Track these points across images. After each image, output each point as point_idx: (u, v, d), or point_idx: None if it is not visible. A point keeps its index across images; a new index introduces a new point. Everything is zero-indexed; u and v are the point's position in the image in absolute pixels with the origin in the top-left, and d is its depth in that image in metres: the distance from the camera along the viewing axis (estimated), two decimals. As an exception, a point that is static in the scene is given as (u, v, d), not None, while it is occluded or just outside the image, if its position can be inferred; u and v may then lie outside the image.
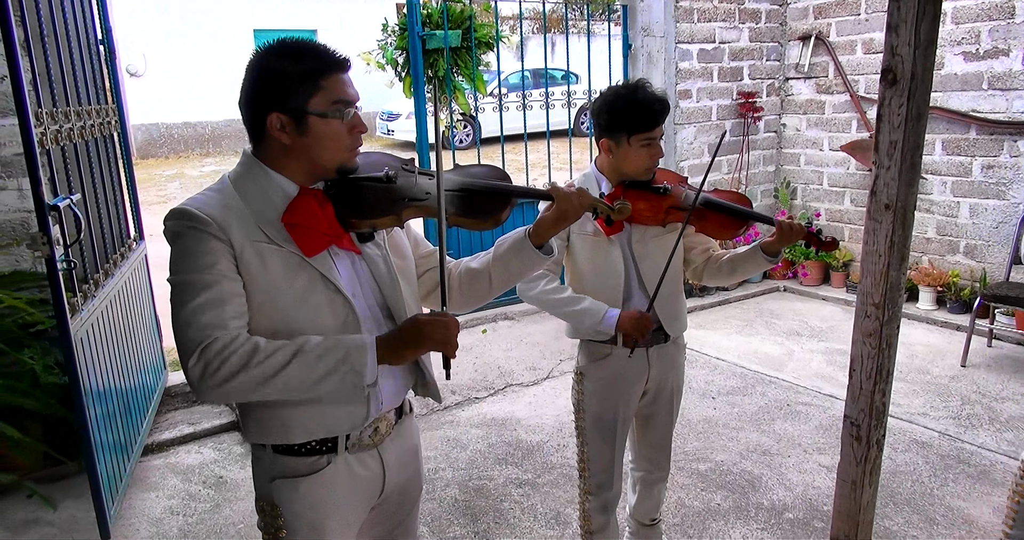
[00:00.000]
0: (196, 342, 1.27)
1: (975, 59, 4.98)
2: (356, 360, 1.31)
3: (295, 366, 1.29)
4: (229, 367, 1.26)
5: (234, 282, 1.33)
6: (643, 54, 5.56)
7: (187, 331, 1.29)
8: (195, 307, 1.29)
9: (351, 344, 1.32)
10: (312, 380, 1.30)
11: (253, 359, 1.27)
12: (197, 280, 1.31)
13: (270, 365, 1.28)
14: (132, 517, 3.08)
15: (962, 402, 3.90)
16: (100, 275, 3.20)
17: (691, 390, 4.08)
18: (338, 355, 1.31)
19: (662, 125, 2.08)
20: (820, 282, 5.98)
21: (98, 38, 3.73)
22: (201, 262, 1.32)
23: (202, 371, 1.26)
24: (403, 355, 1.37)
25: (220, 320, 1.30)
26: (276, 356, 1.29)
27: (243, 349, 1.28)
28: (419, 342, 1.35)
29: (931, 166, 5.24)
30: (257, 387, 1.29)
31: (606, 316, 2.10)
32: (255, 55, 1.38)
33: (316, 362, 1.30)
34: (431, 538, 2.87)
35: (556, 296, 2.15)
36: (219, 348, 1.27)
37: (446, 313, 1.39)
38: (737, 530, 2.87)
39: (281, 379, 1.28)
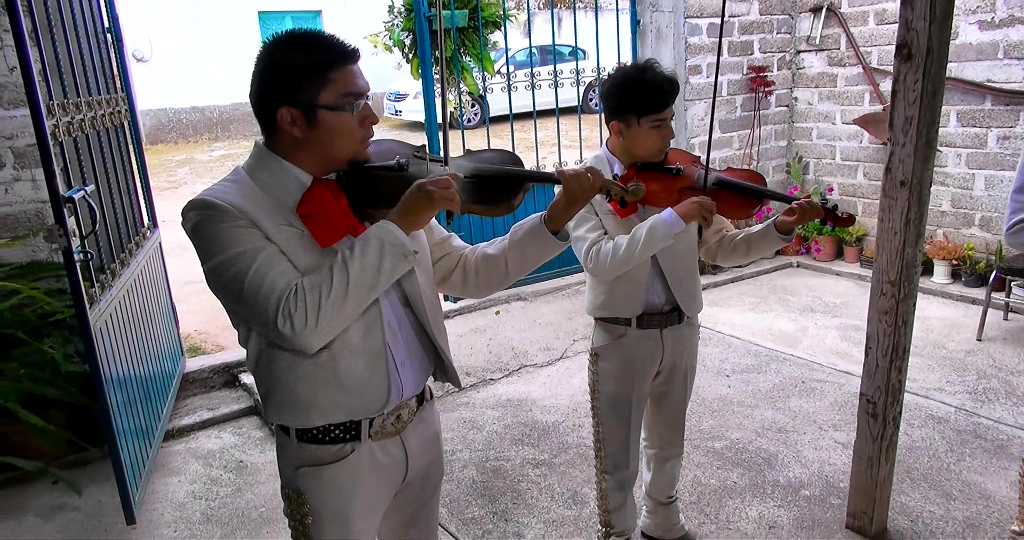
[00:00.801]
0: (273, 306, 1.29)
1: (991, 28, 4.90)
2: (389, 238, 1.34)
3: (354, 273, 1.31)
4: (311, 308, 1.29)
5: (274, 247, 1.35)
6: (652, 29, 5.49)
7: (257, 299, 1.30)
8: (254, 275, 1.31)
9: (375, 233, 1.35)
10: (374, 272, 1.33)
11: (321, 290, 1.30)
12: (242, 251, 1.32)
13: (337, 285, 1.30)
14: (156, 502, 3.13)
15: (978, 376, 3.89)
16: (116, 264, 3.22)
17: (705, 368, 4.09)
18: (374, 245, 1.33)
19: (672, 106, 2.06)
20: (833, 257, 5.95)
21: (105, 26, 3.73)
22: (237, 237, 1.32)
23: (291, 325, 1.29)
24: (417, 219, 1.39)
25: (283, 278, 1.32)
26: (335, 276, 1.31)
27: (308, 290, 1.30)
28: (429, 202, 1.36)
29: (946, 138, 5.18)
30: (342, 307, 1.32)
31: (668, 223, 2.01)
32: (263, 48, 1.38)
33: (363, 260, 1.32)
34: (450, 519, 2.91)
35: (622, 251, 2.04)
36: (292, 300, 1.29)
37: (445, 172, 1.41)
38: (753, 508, 2.89)
39: (352, 289, 1.31)
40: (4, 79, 3.34)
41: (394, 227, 1.35)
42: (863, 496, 2.67)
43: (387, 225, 1.36)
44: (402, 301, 1.53)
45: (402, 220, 1.37)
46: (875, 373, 2.55)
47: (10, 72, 3.32)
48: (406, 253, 1.35)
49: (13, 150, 3.43)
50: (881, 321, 2.51)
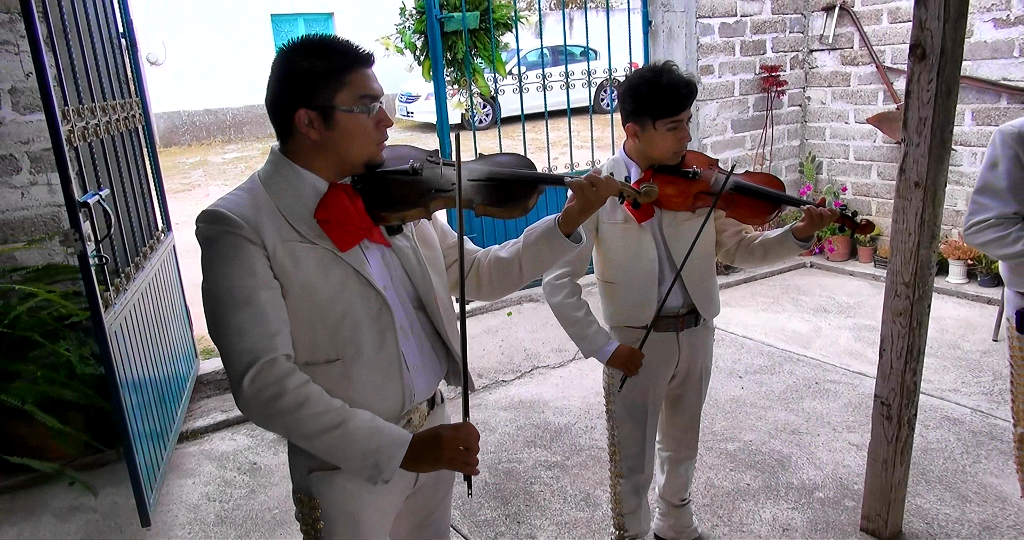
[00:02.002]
0: (250, 359, 1.31)
1: (1006, 25, 4.85)
2: (383, 458, 1.36)
3: (332, 437, 1.34)
4: (280, 404, 1.31)
5: (272, 290, 1.35)
6: (663, 30, 5.48)
7: (237, 345, 1.32)
8: (239, 322, 1.32)
9: (387, 441, 1.36)
10: (338, 456, 1.36)
11: (302, 410, 1.32)
12: (236, 293, 1.33)
13: (313, 425, 1.33)
14: (170, 503, 3.15)
15: (994, 377, 3.85)
16: (131, 268, 3.25)
17: (718, 369, 4.07)
18: (372, 446, 1.35)
19: (688, 109, 2.06)
20: (847, 257, 5.91)
21: (120, 31, 3.76)
22: (237, 270, 1.33)
23: (255, 393, 1.31)
24: (421, 468, 1.41)
25: (267, 335, 1.33)
26: (322, 419, 1.33)
27: (298, 393, 1.32)
28: (438, 462, 1.38)
29: (960, 137, 5.13)
30: (291, 432, 1.35)
31: (602, 351, 2.19)
32: (280, 54, 1.39)
33: (351, 444, 1.34)
34: (463, 521, 2.91)
35: (572, 314, 2.22)
36: (277, 376, 1.32)
37: (468, 424, 1.40)
38: (767, 510, 2.88)
39: (316, 441, 1.35)
40: (20, 84, 3.38)
41: (399, 457, 1.36)
42: (878, 498, 2.65)
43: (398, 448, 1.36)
44: (415, 304, 1.53)
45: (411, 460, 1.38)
46: (889, 375, 2.53)
47: (26, 77, 3.36)
48: (372, 478, 1.36)
49: (29, 154, 3.46)
50: (895, 322, 2.49)
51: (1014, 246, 2.08)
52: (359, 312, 1.41)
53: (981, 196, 2.18)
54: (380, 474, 1.36)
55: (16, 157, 3.44)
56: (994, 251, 2.16)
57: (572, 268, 2.20)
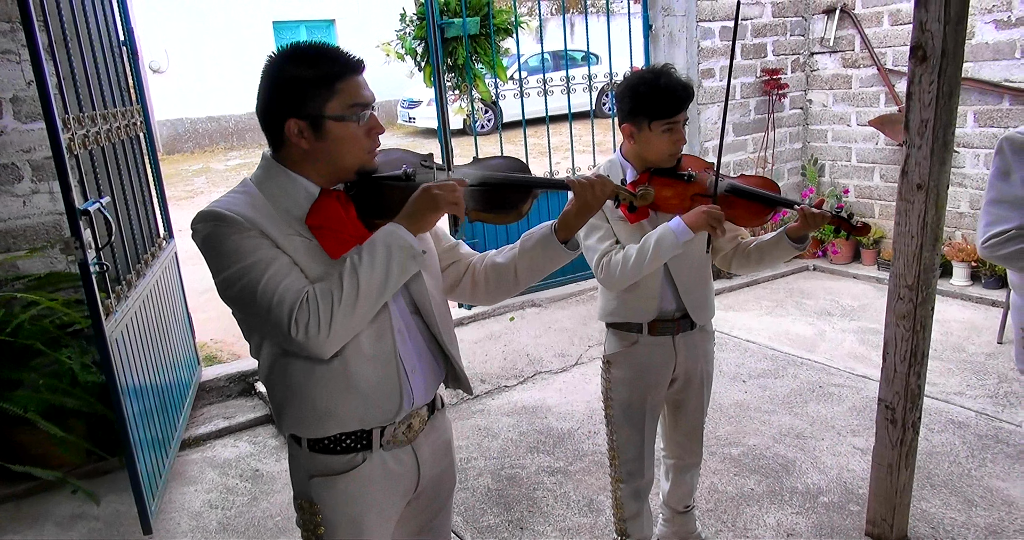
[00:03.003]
0: (286, 316, 1.30)
1: (1007, 27, 4.84)
2: (397, 241, 1.35)
3: (364, 277, 1.32)
4: (323, 315, 1.30)
5: (285, 256, 1.36)
6: (664, 34, 5.48)
7: (270, 310, 1.31)
8: (265, 285, 1.31)
9: (383, 237, 1.36)
10: (383, 274, 1.34)
11: (332, 296, 1.31)
12: (253, 262, 1.33)
13: (348, 290, 1.31)
14: (172, 511, 3.14)
15: (999, 380, 3.83)
16: (132, 275, 3.25)
17: (722, 374, 4.06)
18: (381, 248, 1.34)
19: (685, 111, 2.05)
20: (850, 260, 5.90)
21: (121, 39, 3.77)
22: (248, 249, 1.33)
23: (305, 333, 1.30)
24: (423, 221, 1.39)
25: (294, 286, 1.32)
26: (345, 282, 1.32)
27: (319, 297, 1.31)
28: (434, 206, 1.38)
29: (963, 139, 5.12)
30: (353, 312, 1.32)
31: (676, 232, 1.98)
32: (269, 62, 1.39)
33: (372, 264, 1.33)
34: (465, 527, 2.90)
35: (631, 261, 2.03)
36: (304, 308, 1.30)
37: (450, 178, 1.42)
38: (771, 515, 2.86)
39: (363, 294, 1.32)
40: (21, 93, 3.38)
41: (401, 229, 1.36)
42: (883, 503, 2.63)
43: (393, 228, 1.37)
44: (411, 308, 1.53)
45: (408, 222, 1.38)
46: (893, 378, 2.52)
47: (27, 86, 3.36)
48: (414, 254, 1.36)
49: (31, 163, 3.47)
50: (899, 326, 2.47)
51: None
52: None
53: (996, 207, 2.08)
54: (414, 249, 1.35)
55: (18, 166, 3.45)
56: (1018, 264, 2.07)
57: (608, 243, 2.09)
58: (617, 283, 2.09)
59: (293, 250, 1.37)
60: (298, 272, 1.36)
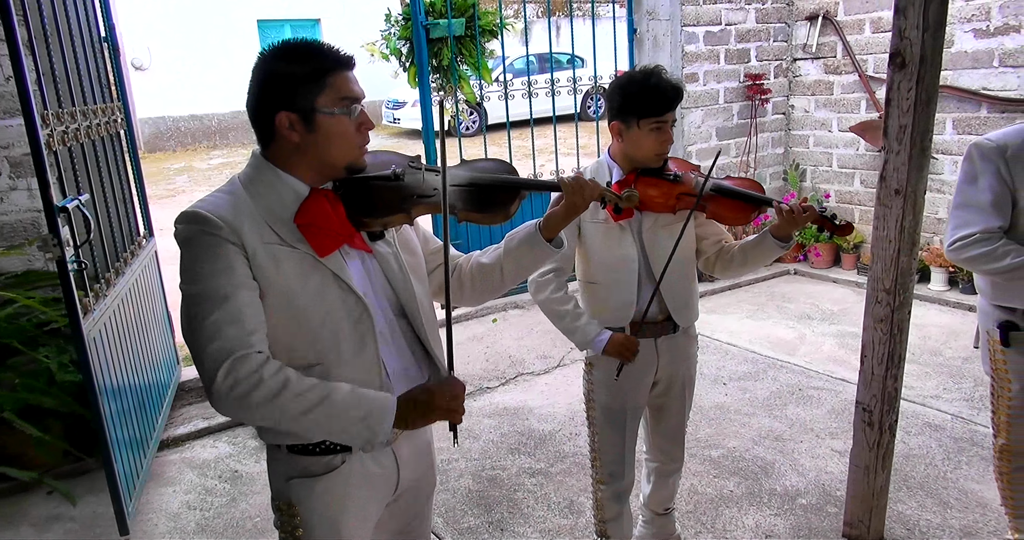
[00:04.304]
0: (225, 355, 1.28)
1: (986, 36, 4.91)
2: (375, 422, 1.34)
3: (319, 413, 1.31)
4: (260, 393, 1.28)
5: (250, 290, 1.34)
6: (649, 38, 5.51)
7: (212, 344, 1.29)
8: (215, 321, 1.29)
9: (374, 406, 1.35)
10: (329, 430, 1.35)
11: (284, 393, 1.29)
12: (213, 292, 1.31)
13: (297, 405, 1.30)
14: (150, 512, 3.11)
15: (975, 384, 3.88)
16: (111, 274, 3.22)
17: (703, 376, 4.08)
18: (360, 413, 1.34)
19: (673, 111, 2.07)
20: (831, 264, 5.95)
21: (102, 36, 3.74)
22: (215, 269, 1.32)
23: (231, 387, 1.27)
24: (414, 423, 1.41)
25: (245, 330, 1.30)
26: (305, 397, 1.31)
27: (275, 379, 1.29)
28: (428, 413, 1.40)
29: (941, 145, 5.19)
30: (277, 420, 1.32)
31: (595, 341, 2.17)
32: (260, 58, 1.39)
33: (338, 415, 1.33)
34: (446, 529, 2.90)
35: (559, 307, 2.21)
36: (252, 368, 1.28)
37: (454, 378, 1.43)
38: (750, 516, 2.88)
39: (302, 421, 1.32)
40: (0, 88, 3.34)
41: (389, 417, 1.36)
42: (860, 505, 2.66)
43: (386, 409, 1.36)
44: (397, 311, 1.53)
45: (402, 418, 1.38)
46: (871, 381, 2.55)
47: (5, 81, 3.32)
48: (369, 441, 1.35)
49: (9, 159, 3.43)
50: (876, 329, 2.50)
51: (1002, 261, 2.06)
52: (339, 317, 1.40)
53: (963, 211, 2.15)
54: (375, 437, 1.35)
55: (-5, 162, 3.41)
56: (981, 267, 2.13)
57: (558, 265, 2.19)
58: (535, 299, 2.26)
59: (271, 259, 1.35)
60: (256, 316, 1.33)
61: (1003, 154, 2.10)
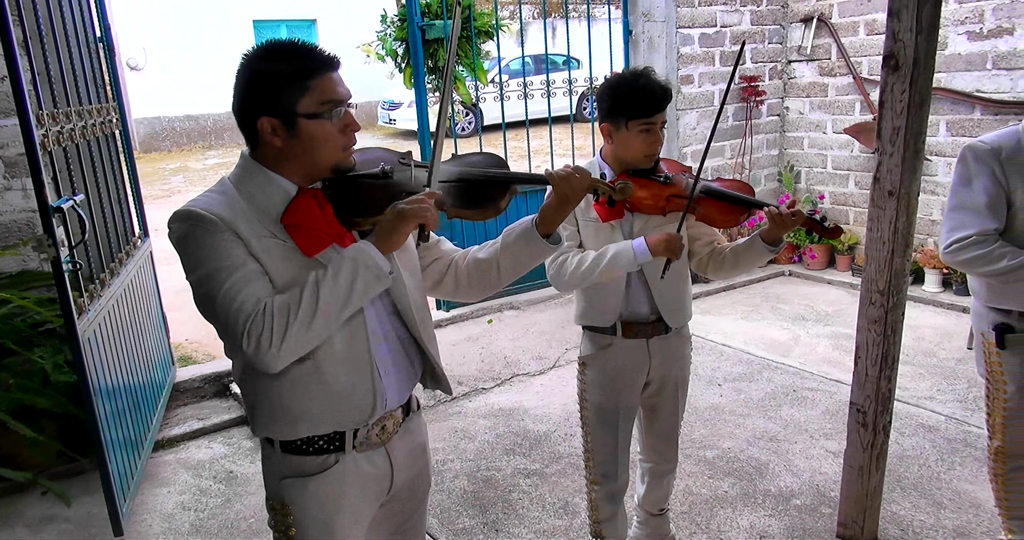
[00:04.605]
0: (241, 325, 1.30)
1: (979, 38, 4.94)
2: (364, 258, 1.34)
3: (324, 293, 1.32)
4: (276, 330, 1.29)
5: (255, 264, 1.35)
6: (644, 39, 5.52)
7: (226, 317, 1.31)
8: (226, 292, 1.31)
9: (350, 253, 1.35)
10: (345, 293, 1.33)
11: (289, 312, 1.30)
12: (221, 267, 1.32)
13: (306, 306, 1.31)
14: (144, 513, 3.11)
15: (968, 385, 3.89)
16: (106, 274, 3.21)
17: (697, 377, 4.09)
18: (348, 265, 1.34)
19: (663, 113, 2.07)
20: (826, 266, 5.97)
21: (97, 36, 3.73)
22: (218, 252, 1.33)
23: (256, 345, 1.29)
24: (393, 237, 1.38)
25: (254, 296, 1.32)
26: (304, 297, 1.31)
27: (276, 310, 1.30)
28: (402, 218, 1.36)
29: (935, 147, 5.21)
30: (309, 329, 1.31)
31: (636, 251, 2.04)
32: (243, 59, 1.39)
33: (336, 281, 1.33)
34: (440, 529, 2.90)
35: (584, 267, 2.08)
36: (258, 320, 1.30)
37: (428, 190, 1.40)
38: (744, 517, 2.89)
39: (321, 311, 1.32)
40: (-5, 88, 3.34)
41: (370, 247, 1.36)
42: (854, 505, 2.67)
43: (363, 245, 1.36)
44: (389, 310, 1.53)
45: (379, 241, 1.37)
46: (865, 382, 2.56)
47: (1, 81, 3.32)
48: (379, 274, 1.35)
49: (4, 159, 3.42)
50: (870, 330, 2.51)
51: (998, 263, 2.06)
52: None
53: (958, 214, 2.16)
54: (381, 269, 1.35)
55: (-10, 162, 3.40)
56: (977, 269, 2.13)
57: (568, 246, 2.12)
58: (565, 284, 2.13)
59: (266, 253, 1.36)
60: (264, 282, 1.35)
61: (997, 156, 2.10)
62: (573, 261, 2.09)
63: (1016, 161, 2.09)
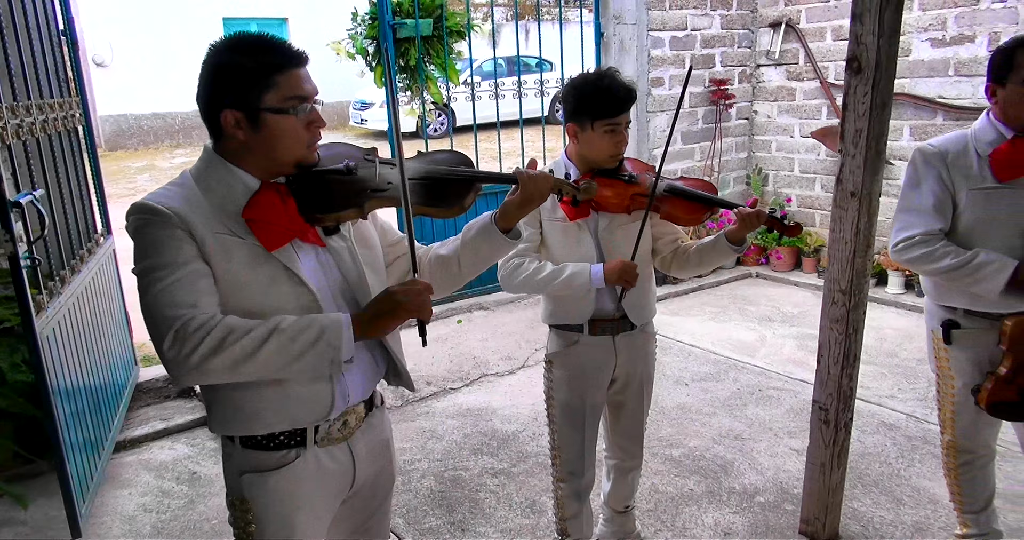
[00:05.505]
0: (169, 323, 1.26)
1: (942, 45, 5.04)
2: (332, 336, 1.30)
3: (272, 344, 1.28)
4: (206, 347, 1.25)
5: (202, 265, 1.33)
6: (615, 42, 5.56)
7: (158, 312, 1.28)
8: (164, 288, 1.28)
9: (326, 321, 1.32)
10: (290, 358, 1.29)
11: (229, 337, 1.26)
12: (165, 262, 1.30)
13: (247, 344, 1.26)
14: (104, 515, 3.05)
15: (928, 384, 3.96)
16: (67, 271, 3.15)
17: (665, 377, 4.12)
18: (314, 332, 1.30)
19: (627, 113, 2.09)
20: (792, 267, 6.05)
21: (60, 29, 3.66)
22: (166, 247, 1.31)
23: (177, 353, 1.25)
24: (379, 326, 1.36)
25: (192, 298, 1.29)
26: (253, 335, 1.27)
27: (218, 328, 1.27)
28: (394, 311, 1.34)
29: (899, 152, 5.30)
30: (235, 366, 1.27)
31: (592, 275, 2.09)
32: (210, 51, 1.37)
33: (292, 340, 1.29)
34: (407, 529, 2.88)
35: (539, 276, 2.11)
36: (195, 327, 1.26)
37: (417, 280, 1.39)
38: (709, 514, 2.91)
39: (259, 358, 1.27)
40: (-48, 81, 3.26)
41: (348, 329, 1.32)
42: (816, 502, 2.70)
43: (343, 323, 1.32)
44: (351, 306, 1.51)
45: (366, 325, 1.34)
46: (827, 380, 2.59)
47: (-42, 74, 3.24)
48: (335, 359, 1.31)
49: (-39, 154, 3.34)
50: (833, 329, 2.55)
51: (941, 262, 2.14)
52: (289, 310, 1.38)
53: (906, 214, 2.24)
54: (339, 354, 1.30)
55: (-54, 156, 3.32)
56: (922, 267, 2.21)
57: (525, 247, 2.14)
58: (514, 287, 2.16)
59: (222, 251, 1.34)
60: (207, 285, 1.32)
61: (944, 159, 2.17)
62: (529, 267, 2.12)
63: (960, 164, 2.16)
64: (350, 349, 1.32)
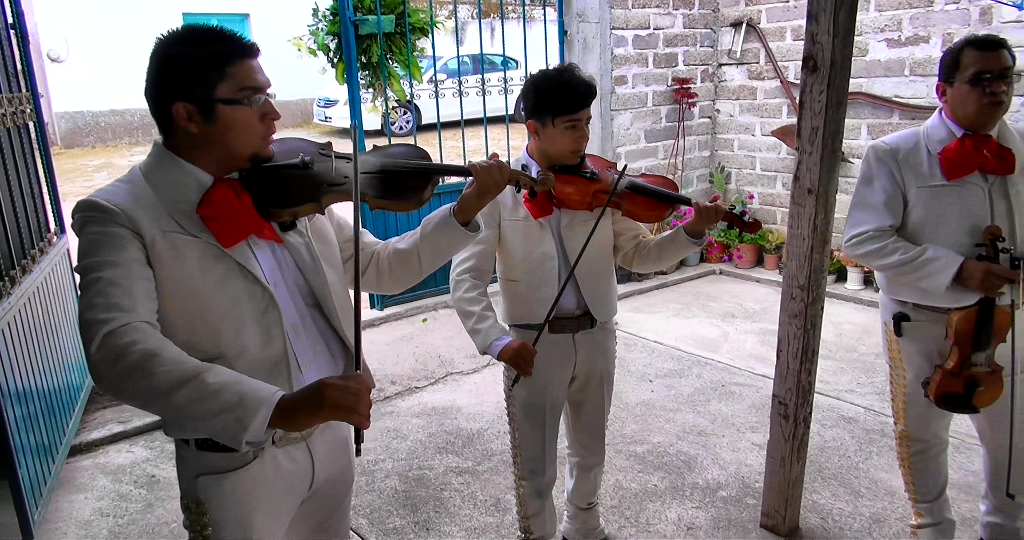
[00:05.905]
0: (100, 325, 1.20)
1: (898, 45, 5.14)
2: (246, 414, 1.17)
3: (185, 391, 1.17)
4: (125, 364, 1.18)
5: (143, 267, 1.28)
6: (579, 40, 5.57)
7: (90, 312, 1.22)
8: (100, 288, 1.23)
9: (250, 394, 1.18)
10: (195, 414, 1.18)
11: (151, 362, 1.17)
12: (104, 262, 1.26)
13: (162, 380, 1.17)
14: (59, 520, 2.98)
15: (886, 378, 4.00)
16: (17, 271, 3.06)
17: (629, 374, 4.14)
18: (232, 400, 1.17)
19: (587, 109, 2.09)
20: (754, 264, 6.12)
21: (8, 22, 3.56)
22: (109, 246, 1.27)
23: (101, 360, 1.19)
24: (298, 422, 1.20)
25: (128, 302, 1.23)
26: (174, 371, 1.18)
27: (147, 345, 1.19)
28: (318, 409, 1.17)
29: (857, 150, 5.40)
30: (146, 398, 1.19)
31: (493, 345, 2.13)
32: (158, 42, 1.34)
33: (204, 398, 1.17)
34: (370, 529, 2.86)
35: (469, 308, 2.18)
36: (125, 341, 1.19)
37: (359, 375, 1.22)
38: (672, 510, 2.93)
39: (172, 398, 1.17)
40: None
41: (264, 415, 1.17)
42: (776, 495, 2.74)
43: (264, 401, 1.18)
44: (309, 301, 1.49)
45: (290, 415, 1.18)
46: (786, 375, 2.63)
47: (-99, 67, 3.13)
48: (236, 435, 1.16)
49: (-96, 150, 3.23)
50: (791, 324, 2.58)
51: (891, 257, 2.19)
52: (243, 309, 1.36)
53: (858, 210, 2.29)
54: (242, 433, 1.15)
55: None
56: (873, 262, 2.27)
57: (475, 262, 2.18)
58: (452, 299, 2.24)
59: (171, 249, 1.31)
60: (145, 288, 1.26)
61: (896, 157, 2.22)
62: (468, 295, 2.18)
63: (911, 162, 2.21)
64: (258, 433, 1.16)
